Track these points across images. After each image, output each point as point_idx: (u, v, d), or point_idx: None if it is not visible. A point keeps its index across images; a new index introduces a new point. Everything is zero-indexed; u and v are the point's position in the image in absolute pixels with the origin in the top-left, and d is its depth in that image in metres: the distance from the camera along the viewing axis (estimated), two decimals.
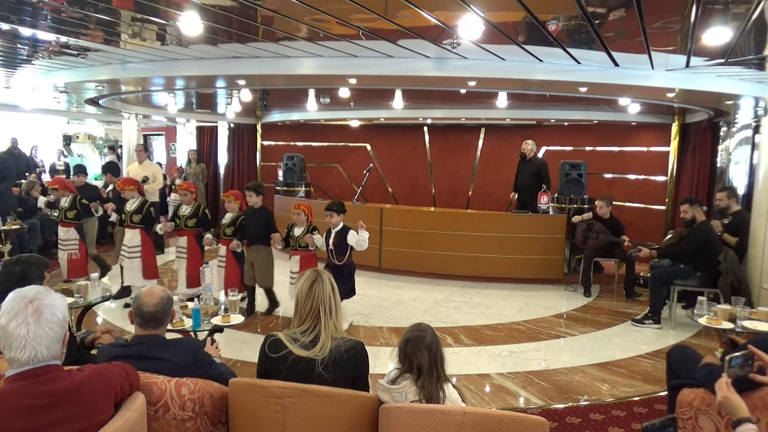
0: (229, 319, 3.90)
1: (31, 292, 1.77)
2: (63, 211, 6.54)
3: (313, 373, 2.24)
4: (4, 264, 2.81)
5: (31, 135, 12.50)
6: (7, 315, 1.70)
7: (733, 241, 5.84)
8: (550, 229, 7.54)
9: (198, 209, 6.10)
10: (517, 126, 10.73)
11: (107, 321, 5.64)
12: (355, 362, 2.33)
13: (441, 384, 2.26)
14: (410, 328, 2.41)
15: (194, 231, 6.06)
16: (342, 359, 2.28)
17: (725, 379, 2.10)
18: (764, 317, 4.15)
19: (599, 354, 5.02)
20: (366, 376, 2.42)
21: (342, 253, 5.32)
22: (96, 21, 4.41)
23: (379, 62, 5.52)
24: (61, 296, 1.85)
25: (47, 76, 7.08)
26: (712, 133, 8.46)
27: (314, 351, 2.26)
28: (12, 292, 1.78)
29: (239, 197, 5.94)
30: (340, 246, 5.29)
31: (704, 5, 3.39)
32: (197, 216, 6.07)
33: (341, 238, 5.29)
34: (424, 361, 2.27)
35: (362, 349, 2.37)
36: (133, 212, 6.03)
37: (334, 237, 5.33)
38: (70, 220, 6.52)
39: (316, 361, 2.25)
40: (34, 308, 1.71)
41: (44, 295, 1.78)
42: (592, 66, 5.42)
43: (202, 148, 12.55)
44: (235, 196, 5.95)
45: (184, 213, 6.09)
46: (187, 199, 6.11)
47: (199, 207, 6.13)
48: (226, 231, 5.79)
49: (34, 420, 1.64)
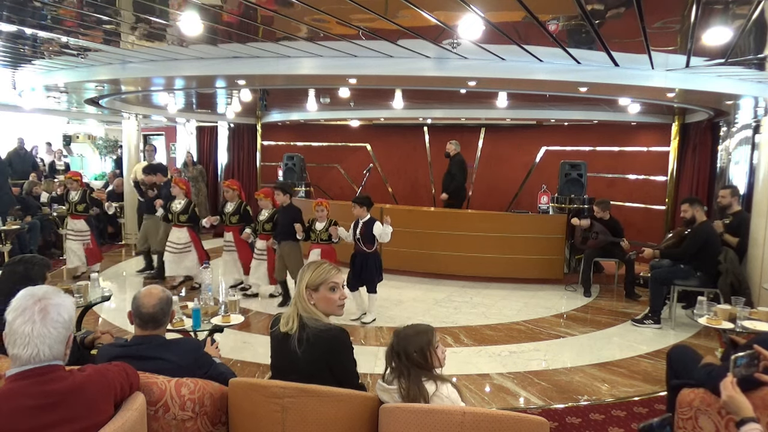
0: (229, 319, 3.90)
1: (40, 290, 1.79)
2: (73, 205, 7.02)
3: (290, 348, 2.29)
4: (7, 263, 2.82)
5: (31, 135, 12.49)
6: (14, 311, 1.72)
7: (733, 241, 5.83)
8: (550, 229, 7.53)
9: (240, 206, 6.62)
10: (517, 126, 10.73)
11: (107, 321, 5.64)
12: (331, 346, 2.30)
13: (421, 384, 2.22)
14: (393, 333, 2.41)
15: (238, 226, 6.66)
16: (317, 339, 2.27)
17: (730, 378, 2.10)
18: (764, 317, 4.15)
19: (599, 354, 5.01)
20: (347, 366, 2.36)
21: (369, 242, 5.75)
22: (96, 21, 4.41)
23: (379, 62, 5.51)
24: (70, 298, 1.85)
25: (47, 76, 7.08)
26: (712, 133, 8.46)
27: (288, 326, 2.32)
28: (23, 290, 1.79)
29: (270, 194, 6.41)
30: (367, 235, 5.72)
31: (704, 5, 3.39)
32: (239, 212, 6.61)
33: (368, 228, 5.71)
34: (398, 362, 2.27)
35: (340, 334, 2.33)
36: (180, 212, 6.68)
37: (361, 227, 5.75)
38: (80, 212, 7.05)
39: (292, 336, 2.29)
40: (41, 307, 1.72)
41: (53, 294, 1.79)
42: (592, 66, 5.42)
43: (202, 148, 12.54)
44: (266, 193, 6.45)
45: (228, 210, 6.63)
46: (230, 195, 6.67)
47: (242, 204, 6.63)
48: (265, 227, 6.38)
49: (35, 420, 1.64)
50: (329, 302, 2.39)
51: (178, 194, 6.76)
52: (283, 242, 6.20)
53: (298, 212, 6.20)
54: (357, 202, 5.82)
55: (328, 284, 2.38)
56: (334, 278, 2.40)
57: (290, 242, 6.16)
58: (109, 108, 9.90)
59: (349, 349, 2.37)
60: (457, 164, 8.51)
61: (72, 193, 7.13)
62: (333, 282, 2.39)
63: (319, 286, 2.38)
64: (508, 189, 11.00)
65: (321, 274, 2.39)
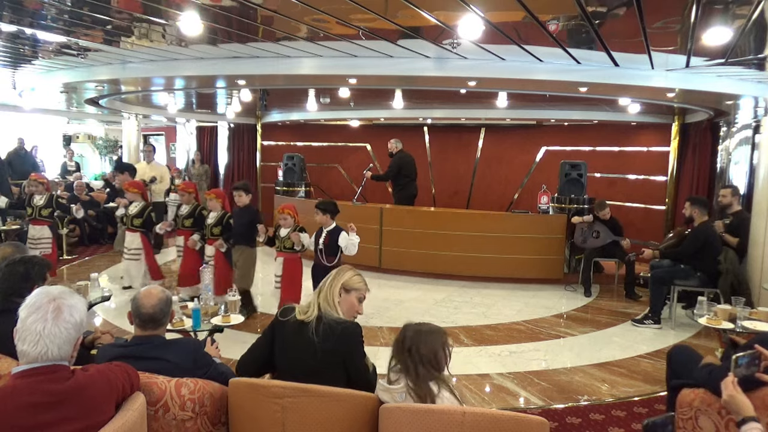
0: (229, 319, 3.91)
1: (56, 290, 1.81)
2: (37, 209, 6.39)
3: (305, 335, 2.37)
4: (8, 263, 2.82)
5: (31, 135, 12.50)
6: (28, 308, 1.73)
7: (734, 241, 5.83)
8: (550, 229, 7.53)
9: (195, 209, 6.02)
10: (517, 126, 10.73)
11: (107, 321, 5.63)
12: (347, 336, 2.40)
13: (428, 385, 2.22)
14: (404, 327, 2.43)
15: (191, 231, 5.91)
16: (334, 329, 2.37)
17: (731, 378, 2.10)
18: (764, 317, 4.16)
19: (599, 354, 5.01)
20: (357, 359, 2.43)
21: (332, 254, 5.02)
22: (96, 21, 4.41)
23: (379, 62, 5.51)
24: (83, 300, 1.87)
25: (47, 76, 7.08)
26: (712, 133, 8.46)
27: (308, 314, 2.43)
28: (39, 288, 1.83)
29: (221, 195, 5.84)
30: (331, 246, 5.00)
31: (704, 5, 3.39)
32: (193, 216, 5.98)
33: (333, 238, 5.01)
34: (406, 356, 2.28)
35: (357, 328, 2.44)
36: (135, 216, 6.09)
37: (325, 236, 5.05)
38: (44, 218, 6.41)
39: (309, 324, 2.39)
40: (55, 306, 1.74)
41: (68, 295, 1.81)
42: (592, 66, 5.42)
43: (202, 148, 12.55)
44: (217, 194, 5.82)
45: (182, 213, 6.06)
46: (186, 198, 6.06)
47: (196, 207, 6.05)
48: (213, 231, 5.65)
49: (36, 418, 1.65)
50: (352, 308, 2.54)
51: (135, 198, 6.18)
52: (237, 246, 5.58)
53: (256, 213, 5.73)
54: (320, 208, 5.11)
55: (360, 294, 2.58)
56: (365, 292, 2.61)
57: (245, 247, 5.60)
58: (109, 108, 9.91)
59: (362, 344, 2.47)
60: (395, 161, 8.49)
61: (36, 196, 6.48)
62: (363, 294, 2.60)
63: (351, 291, 2.55)
64: (508, 189, 11.00)
65: (359, 282, 2.59)
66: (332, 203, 5.24)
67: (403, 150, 8.56)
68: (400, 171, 8.46)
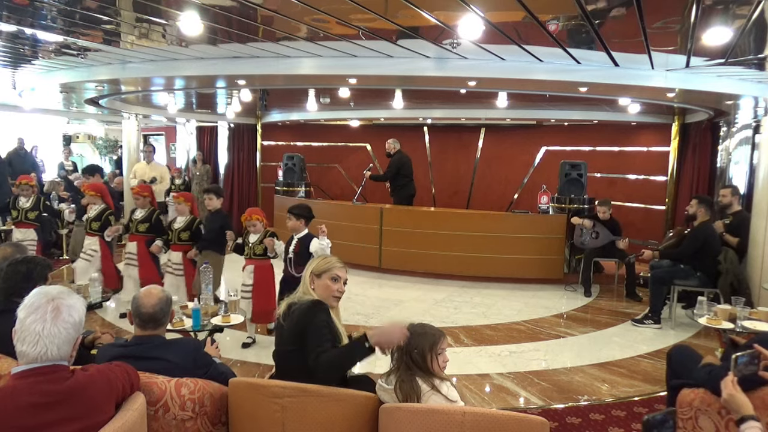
0: (229, 319, 3.91)
1: (54, 290, 1.81)
2: (23, 212, 6.23)
3: (281, 325, 2.51)
4: (10, 263, 2.83)
5: (31, 135, 12.50)
6: (27, 309, 1.73)
7: (734, 241, 5.83)
8: (550, 229, 7.54)
9: (152, 214, 5.59)
10: (517, 126, 10.72)
11: (107, 321, 5.64)
12: (301, 311, 2.44)
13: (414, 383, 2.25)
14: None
15: (146, 236, 5.52)
16: (297, 309, 2.46)
17: (731, 377, 2.11)
18: (764, 317, 4.16)
19: (599, 354, 5.01)
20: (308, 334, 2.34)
21: (302, 264, 4.23)
22: (96, 21, 4.41)
23: (379, 62, 5.51)
24: (82, 300, 1.87)
25: (47, 76, 7.08)
26: (712, 133, 8.46)
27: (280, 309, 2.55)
28: (37, 288, 1.82)
29: (189, 199, 5.53)
30: (302, 255, 4.47)
31: (704, 5, 3.39)
32: (150, 221, 5.56)
33: (303, 246, 4.52)
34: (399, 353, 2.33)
35: (312, 303, 2.45)
36: (93, 219, 5.69)
37: (295, 244, 4.59)
38: (30, 221, 6.28)
39: (284, 312, 2.51)
40: (54, 306, 1.74)
41: (66, 295, 1.81)
42: (592, 66, 5.42)
43: (202, 148, 12.54)
44: (185, 197, 5.50)
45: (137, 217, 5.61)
46: (141, 202, 5.64)
47: (153, 212, 5.64)
48: (181, 236, 5.30)
49: (37, 417, 1.66)
50: (327, 290, 2.56)
51: (96, 201, 5.73)
52: (204, 252, 5.22)
53: (227, 218, 5.49)
54: (294, 213, 4.64)
55: (330, 273, 2.58)
56: (337, 270, 2.60)
57: (212, 253, 5.22)
58: (109, 108, 9.91)
59: (318, 317, 2.39)
60: (394, 162, 8.53)
61: (22, 199, 6.28)
62: (336, 273, 2.59)
63: (322, 274, 2.58)
64: (508, 189, 11.00)
65: (327, 263, 2.61)
66: (307, 207, 4.77)
67: (401, 150, 8.58)
68: (399, 171, 8.48)
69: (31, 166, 10.78)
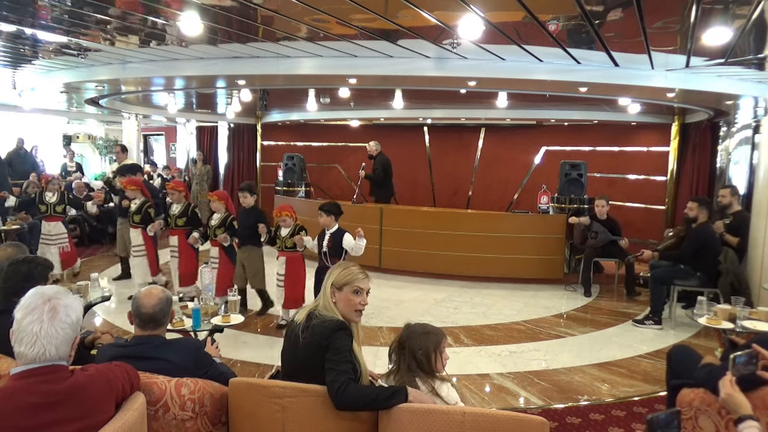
0: (229, 319, 3.91)
1: (50, 290, 1.80)
2: (51, 206, 6.66)
3: (293, 333, 2.36)
4: (11, 263, 2.83)
5: (31, 135, 12.51)
6: (23, 310, 1.73)
7: (733, 241, 5.83)
8: (550, 229, 7.53)
9: (188, 208, 6.02)
10: (517, 126, 10.73)
11: (107, 321, 5.64)
12: (322, 330, 2.28)
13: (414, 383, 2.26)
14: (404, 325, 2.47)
15: (185, 230, 5.94)
16: (318, 326, 2.30)
17: (729, 376, 2.11)
18: (764, 317, 4.15)
19: (599, 354, 5.01)
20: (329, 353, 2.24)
21: (337, 256, 5.02)
22: (96, 21, 4.41)
23: (379, 62, 5.52)
24: (79, 300, 1.86)
25: (47, 76, 7.08)
26: (712, 133, 8.46)
27: (301, 316, 2.40)
28: (33, 289, 1.81)
29: (223, 197, 5.81)
30: (335, 248, 5.05)
31: (704, 5, 3.40)
32: (187, 215, 5.99)
33: (336, 240, 5.05)
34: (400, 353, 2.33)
35: (334, 323, 2.29)
36: (134, 212, 6.21)
37: (328, 239, 5.09)
38: (58, 214, 6.70)
39: (299, 324, 2.36)
40: (51, 306, 1.74)
41: (63, 295, 1.80)
42: (592, 66, 5.42)
43: (203, 148, 12.56)
44: (219, 196, 5.82)
45: (174, 212, 6.03)
46: (176, 197, 6.06)
47: (189, 206, 6.06)
48: (216, 232, 5.65)
49: (36, 418, 1.65)
50: (349, 304, 2.40)
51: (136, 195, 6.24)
52: (243, 247, 5.72)
53: (261, 214, 5.81)
54: (324, 210, 5.15)
55: (352, 286, 2.41)
56: (359, 282, 2.43)
57: (251, 247, 5.71)
58: (109, 108, 9.92)
59: (341, 340, 2.27)
60: (380, 163, 8.61)
61: (48, 194, 6.74)
62: (357, 286, 2.42)
63: (343, 287, 2.41)
64: (508, 189, 11.01)
65: (348, 275, 2.43)
66: (336, 205, 5.25)
67: (382, 152, 8.73)
68: (385, 171, 8.56)
69: (31, 166, 10.78)
